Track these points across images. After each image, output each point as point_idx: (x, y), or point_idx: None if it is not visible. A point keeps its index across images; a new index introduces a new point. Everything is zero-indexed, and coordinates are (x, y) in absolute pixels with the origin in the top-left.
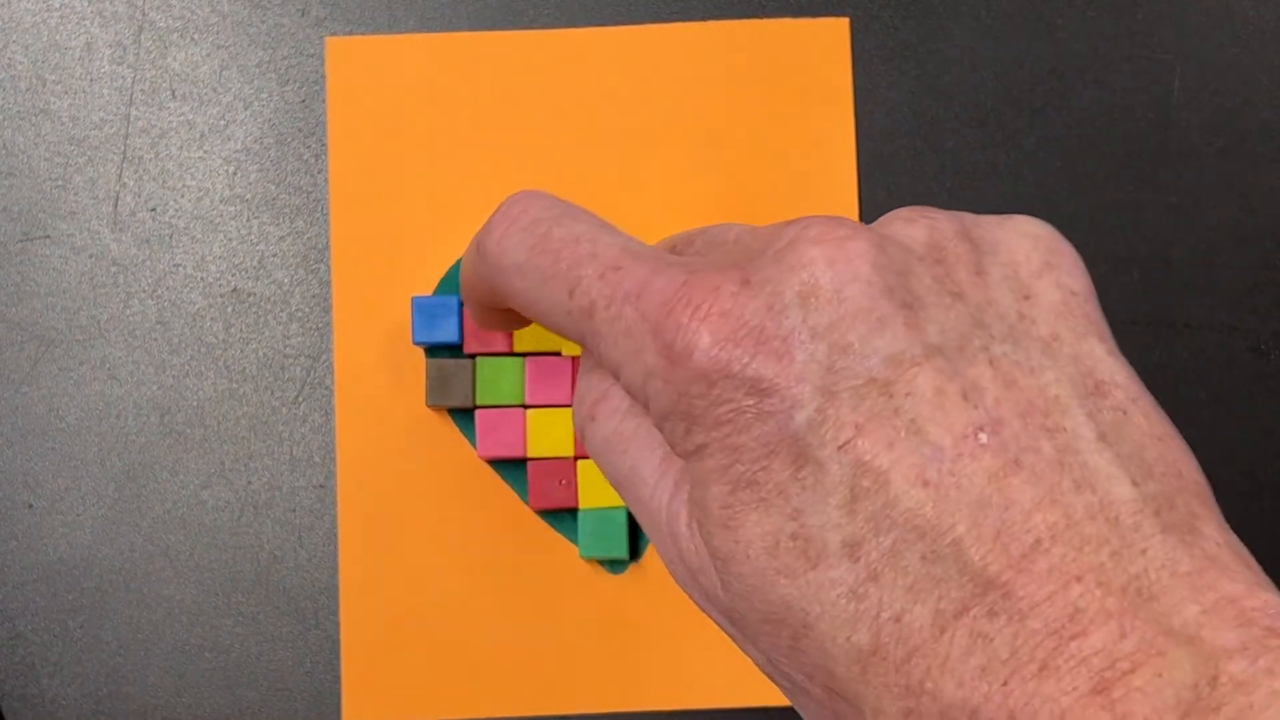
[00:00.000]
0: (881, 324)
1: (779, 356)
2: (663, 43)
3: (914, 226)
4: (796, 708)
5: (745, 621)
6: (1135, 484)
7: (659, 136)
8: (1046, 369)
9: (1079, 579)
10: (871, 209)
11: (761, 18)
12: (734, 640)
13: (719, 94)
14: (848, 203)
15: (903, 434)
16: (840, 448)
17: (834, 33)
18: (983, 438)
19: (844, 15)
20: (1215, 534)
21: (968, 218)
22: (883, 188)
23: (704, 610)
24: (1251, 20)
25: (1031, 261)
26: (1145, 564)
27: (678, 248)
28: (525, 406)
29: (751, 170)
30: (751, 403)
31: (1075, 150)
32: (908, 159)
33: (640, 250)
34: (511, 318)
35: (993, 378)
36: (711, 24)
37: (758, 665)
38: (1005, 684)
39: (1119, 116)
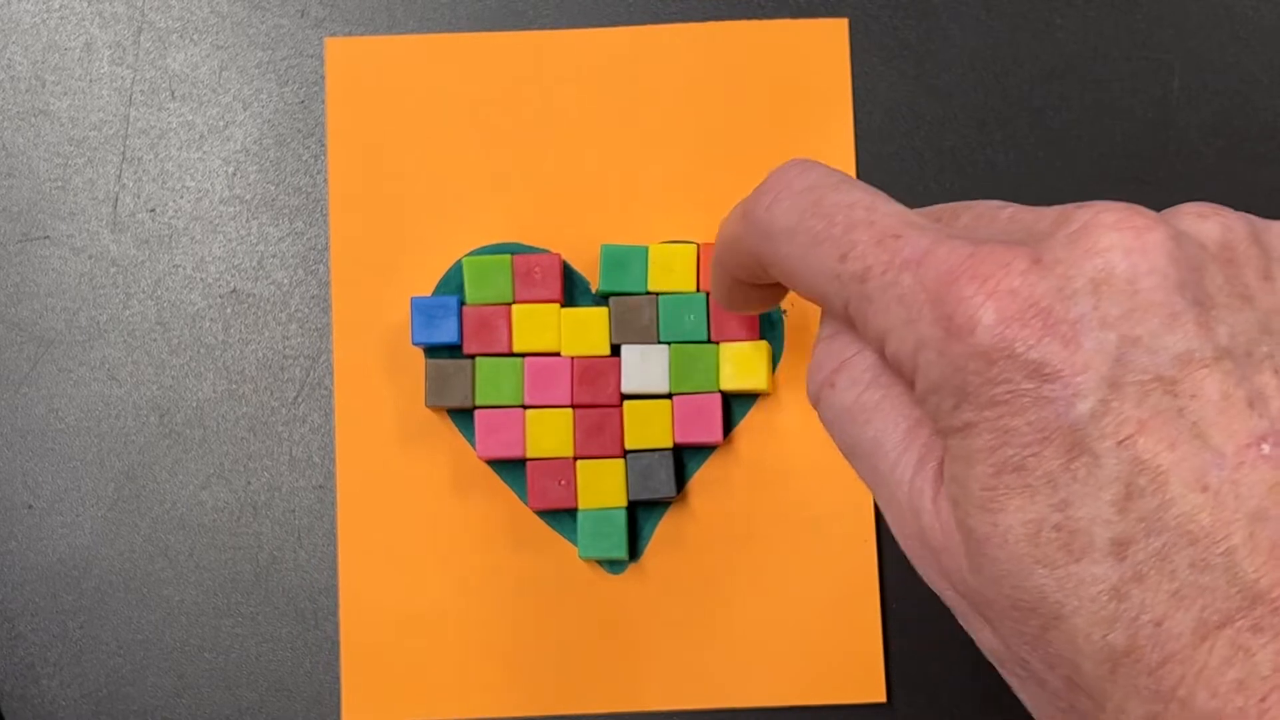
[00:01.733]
0: (1173, 320)
1: (1066, 342)
2: (663, 43)
3: (1208, 223)
4: (1021, 693)
5: (990, 606)
6: None
7: (659, 136)
8: None
9: None
10: None
11: (761, 18)
12: (963, 619)
13: (719, 94)
14: None
15: (1185, 436)
16: (1120, 443)
17: (833, 33)
18: (1265, 448)
19: (843, 15)
20: None
21: (1258, 221)
22: (883, 188)
23: (935, 587)
24: (1251, 20)
25: None
26: None
27: (943, 219)
28: (525, 407)
29: (751, 170)
30: (1031, 386)
31: (1075, 150)
32: (908, 159)
33: (920, 221)
34: (763, 294)
35: (1278, 387)
36: (711, 24)
37: (985, 646)
38: (1263, 700)
39: (1119, 116)
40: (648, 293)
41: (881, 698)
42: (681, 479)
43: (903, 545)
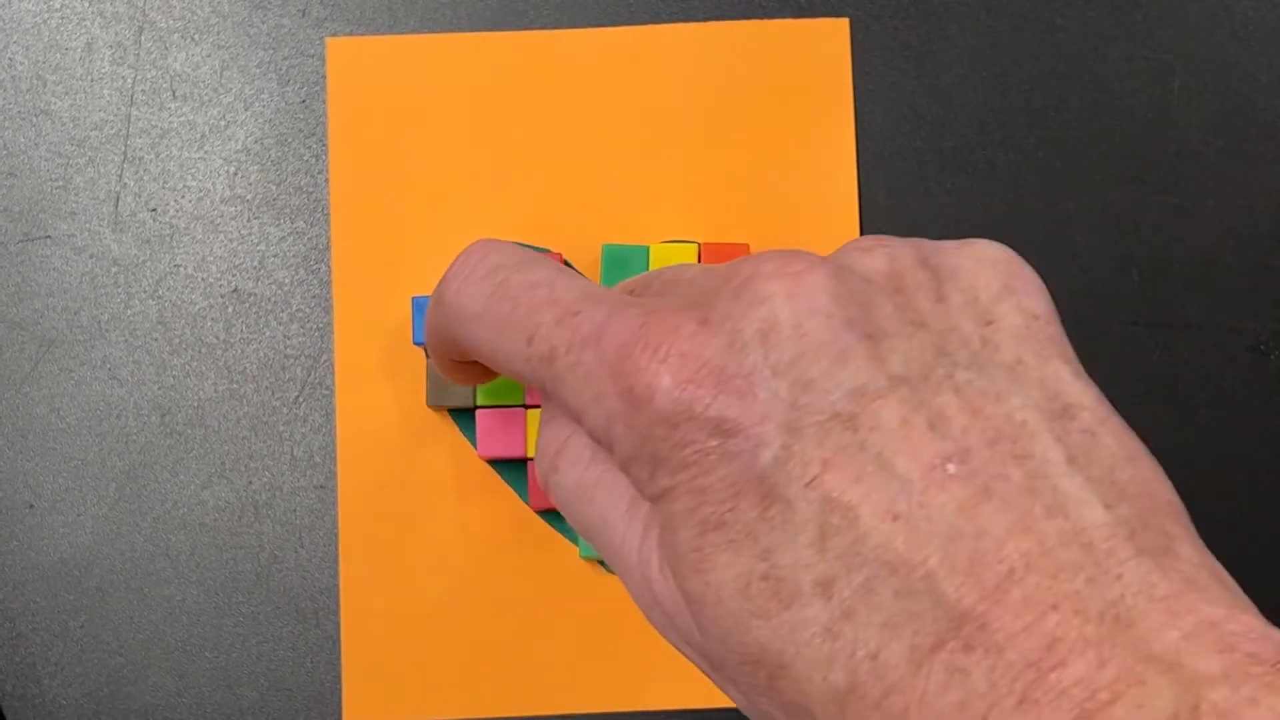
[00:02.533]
0: (843, 357)
1: (741, 395)
2: (663, 43)
3: (872, 256)
4: None
5: (723, 663)
6: (1108, 507)
7: (659, 136)
8: (1012, 394)
9: (1055, 607)
10: (871, 209)
11: (761, 18)
12: (714, 681)
13: (719, 94)
14: (848, 203)
15: (870, 468)
16: (807, 485)
17: (834, 33)
18: (951, 468)
19: (844, 15)
20: (1191, 555)
21: (926, 244)
22: (883, 188)
23: (682, 653)
24: (1251, 20)
25: (991, 286)
26: (1122, 589)
27: (635, 290)
28: (525, 406)
29: (751, 170)
30: (716, 443)
31: (1075, 150)
32: (908, 159)
33: (599, 294)
34: (476, 370)
35: (958, 406)
36: (711, 24)
37: (738, 705)
38: (984, 717)
39: (1119, 116)
40: None
41: None
42: None
43: (646, 616)
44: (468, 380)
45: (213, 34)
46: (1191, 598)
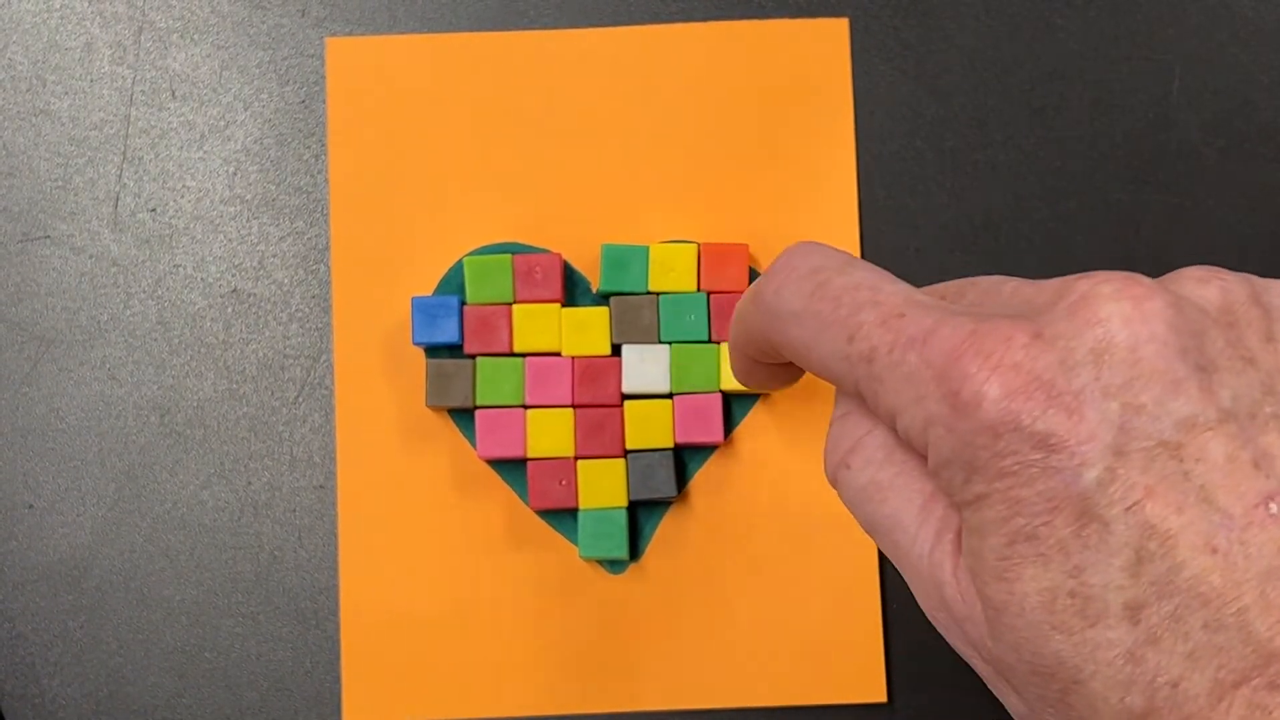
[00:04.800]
0: (1176, 386)
1: (1070, 413)
2: (663, 43)
3: (1207, 287)
4: None
5: (1012, 671)
6: None
7: (659, 136)
8: None
9: None
10: (871, 209)
11: (761, 18)
12: (990, 684)
13: (719, 94)
14: (847, 203)
15: (1192, 499)
16: (1128, 509)
17: (834, 33)
18: (1273, 508)
19: (844, 15)
20: None
21: (1258, 281)
22: (883, 188)
23: (963, 654)
24: (1251, 20)
25: None
26: None
27: (948, 297)
28: (525, 407)
29: (751, 170)
30: (1038, 457)
31: (1075, 150)
32: (908, 159)
33: (923, 299)
34: (779, 373)
35: None
36: (711, 24)
37: (1013, 710)
38: None
39: (1119, 116)
40: (648, 292)
41: (882, 697)
42: (682, 479)
43: (929, 616)
44: (766, 384)
45: (212, 34)
46: None
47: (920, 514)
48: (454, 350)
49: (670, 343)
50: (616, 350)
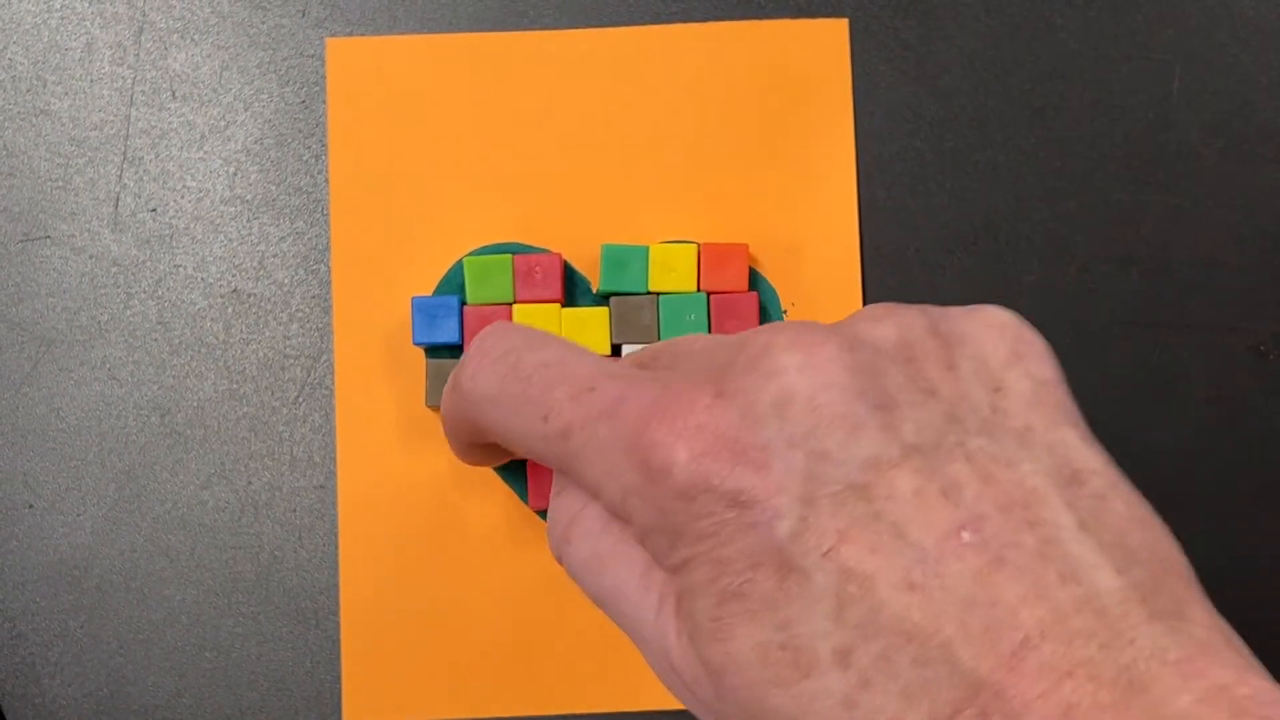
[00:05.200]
0: (857, 428)
1: (757, 467)
2: (663, 43)
3: (883, 325)
4: None
5: None
6: (1119, 572)
7: (659, 136)
8: (1023, 461)
9: (1070, 674)
10: (871, 209)
11: (761, 18)
12: None
13: (719, 94)
14: (847, 203)
15: (885, 538)
16: (824, 555)
17: (833, 33)
18: (965, 536)
19: (844, 16)
20: (1202, 618)
21: (934, 311)
22: (883, 188)
23: (698, 716)
24: (1251, 20)
25: (1000, 352)
26: (1135, 654)
27: (645, 363)
28: None
29: (751, 170)
30: (733, 515)
31: (1075, 150)
32: (908, 159)
33: (612, 369)
34: (494, 452)
35: (971, 474)
36: (711, 24)
37: None
38: None
39: (1119, 116)
40: (648, 293)
41: None
42: None
43: (664, 683)
44: (485, 462)
45: (212, 34)
46: (1203, 661)
47: (641, 582)
48: (454, 350)
49: None
50: (617, 350)
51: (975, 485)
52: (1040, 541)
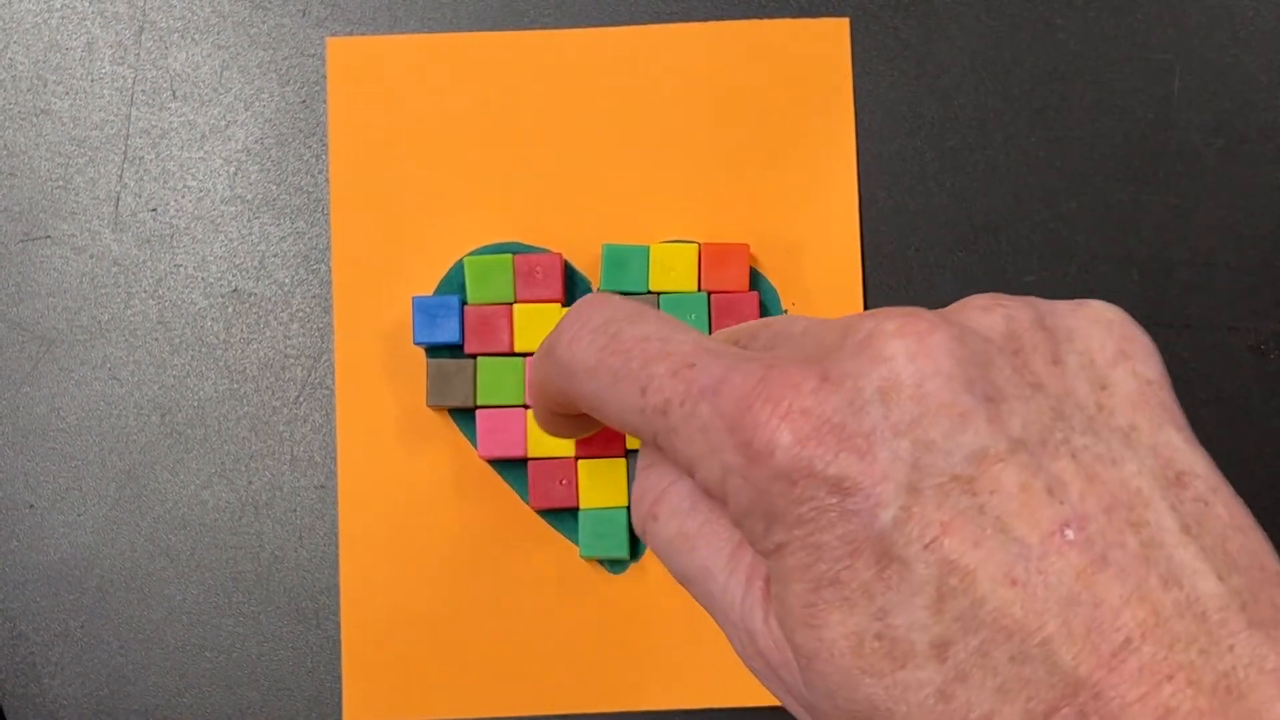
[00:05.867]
0: (964, 419)
1: (861, 454)
2: (663, 43)
3: (991, 316)
4: None
5: (828, 717)
6: (1220, 578)
7: (659, 136)
8: (1128, 461)
9: (1170, 678)
10: (871, 209)
11: (761, 18)
12: None
13: (719, 94)
14: (848, 203)
15: (989, 532)
16: (926, 547)
17: (834, 33)
18: (1069, 534)
19: (844, 15)
20: None
21: (1042, 304)
22: (882, 188)
23: (782, 701)
24: (1251, 20)
25: (1106, 350)
26: (1234, 661)
27: (741, 341)
28: (525, 407)
29: (751, 170)
30: (834, 501)
31: (1075, 150)
32: (908, 159)
33: (714, 346)
34: (581, 423)
35: (1075, 471)
36: (711, 24)
37: None
38: None
39: (1119, 116)
40: (649, 292)
41: None
42: None
43: (746, 664)
44: (569, 433)
45: (213, 34)
46: None
47: (729, 563)
48: (454, 350)
49: None
50: None
51: (1080, 483)
52: (1143, 544)
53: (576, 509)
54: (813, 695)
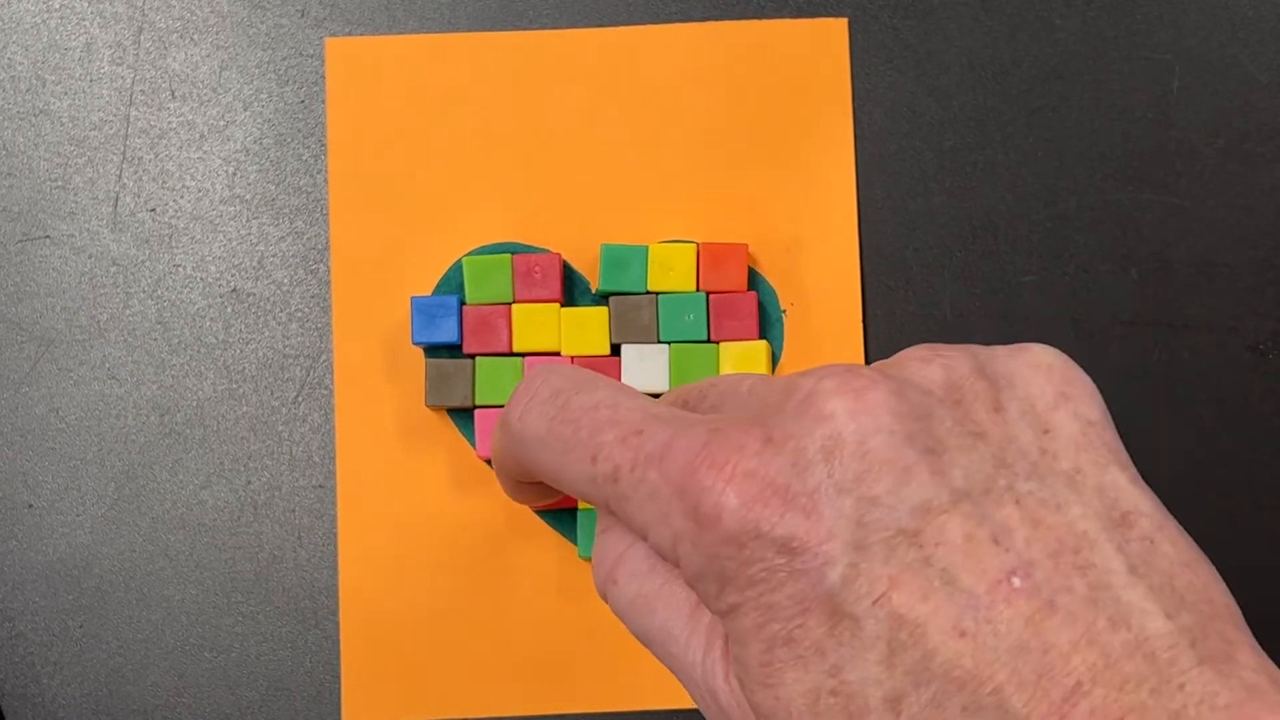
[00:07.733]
0: (907, 473)
1: (807, 514)
2: (663, 43)
3: (930, 367)
4: None
5: None
6: (1169, 616)
7: (659, 136)
8: (1072, 504)
9: None
10: (871, 209)
11: (761, 18)
12: None
13: (719, 94)
14: (847, 203)
15: (936, 584)
16: (875, 602)
17: (833, 33)
18: (1016, 581)
19: (843, 15)
20: (1251, 661)
21: (981, 352)
22: (882, 188)
23: None
24: (1251, 20)
25: (1046, 394)
26: (1185, 699)
27: (690, 401)
28: None
29: (751, 170)
30: (783, 561)
31: (1075, 150)
32: (907, 159)
33: (661, 412)
34: (543, 490)
35: (1020, 518)
36: (711, 24)
37: None
38: None
39: (1118, 116)
40: (648, 292)
41: None
42: None
43: None
44: (534, 501)
45: (212, 34)
46: (1252, 706)
47: (689, 623)
48: (453, 350)
49: (669, 342)
50: (616, 350)
51: (1025, 530)
52: (1090, 586)
53: (575, 509)
54: None
